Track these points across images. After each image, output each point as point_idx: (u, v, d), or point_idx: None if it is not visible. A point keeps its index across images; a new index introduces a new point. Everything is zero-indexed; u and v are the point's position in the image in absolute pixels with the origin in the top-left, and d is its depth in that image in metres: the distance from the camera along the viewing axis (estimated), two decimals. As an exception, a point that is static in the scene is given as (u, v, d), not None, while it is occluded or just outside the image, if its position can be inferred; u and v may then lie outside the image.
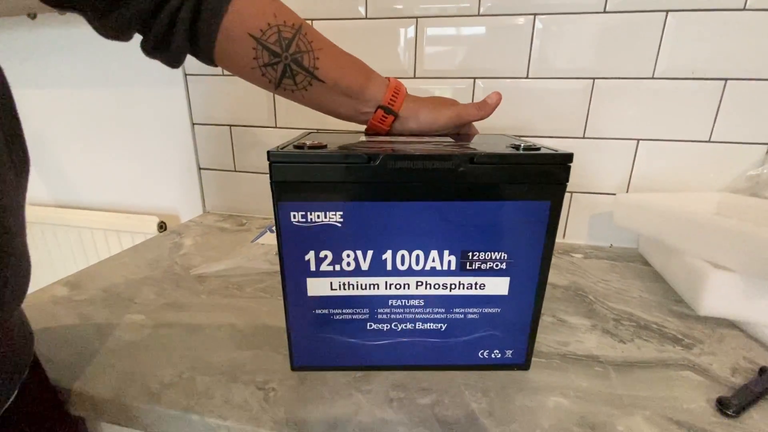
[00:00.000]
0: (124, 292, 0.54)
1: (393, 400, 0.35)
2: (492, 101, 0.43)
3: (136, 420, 0.36)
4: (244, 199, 0.85)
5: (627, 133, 0.65)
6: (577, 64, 0.63)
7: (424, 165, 0.32)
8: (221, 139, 0.81)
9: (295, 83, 0.38)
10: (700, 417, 0.34)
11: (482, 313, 0.37)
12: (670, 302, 0.52)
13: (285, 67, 0.37)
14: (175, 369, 0.39)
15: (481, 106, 0.43)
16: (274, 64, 0.37)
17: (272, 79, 0.38)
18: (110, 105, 0.84)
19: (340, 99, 0.40)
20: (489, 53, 0.65)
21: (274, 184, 0.32)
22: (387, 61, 0.69)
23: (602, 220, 0.70)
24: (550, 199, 0.33)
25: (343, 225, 0.34)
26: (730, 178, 0.64)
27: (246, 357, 0.41)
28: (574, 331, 0.46)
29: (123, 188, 0.90)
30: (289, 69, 0.37)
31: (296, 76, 0.38)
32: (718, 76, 0.60)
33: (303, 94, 0.39)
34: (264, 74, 0.38)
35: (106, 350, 0.42)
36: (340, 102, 0.40)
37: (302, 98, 0.40)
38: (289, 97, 0.40)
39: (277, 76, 0.38)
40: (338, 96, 0.40)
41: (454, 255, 0.35)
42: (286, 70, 0.37)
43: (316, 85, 0.38)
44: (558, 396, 0.36)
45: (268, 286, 0.55)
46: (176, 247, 0.68)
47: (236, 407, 0.34)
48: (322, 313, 0.37)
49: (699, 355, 0.42)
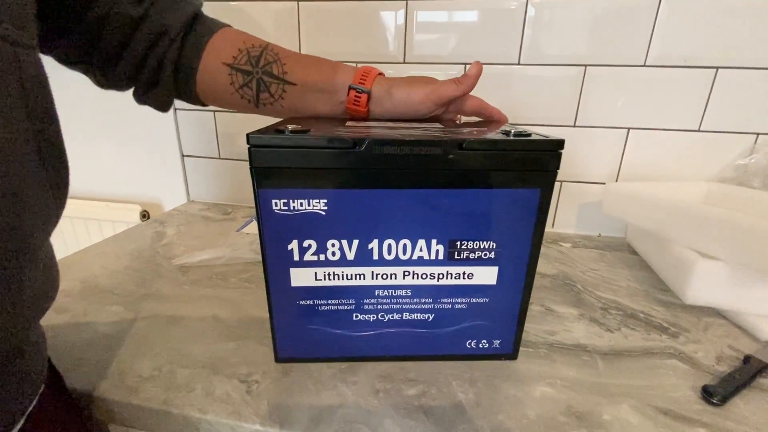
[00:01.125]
0: (103, 282, 0.52)
1: (379, 392, 0.35)
2: (472, 72, 0.40)
3: (113, 415, 0.35)
4: (230, 188, 0.83)
5: (618, 121, 0.64)
6: (570, 50, 0.62)
7: (412, 150, 0.30)
8: (205, 126, 0.78)
9: (271, 95, 0.40)
10: (685, 405, 0.34)
11: (470, 302, 0.36)
12: (657, 291, 0.52)
13: (258, 82, 0.39)
14: (154, 362, 0.38)
15: (460, 80, 0.40)
16: (248, 83, 0.39)
17: (251, 98, 0.40)
18: (89, 89, 0.80)
19: (314, 96, 0.41)
20: (480, 39, 0.63)
21: (254, 170, 0.31)
22: (375, 46, 0.67)
23: (591, 209, 0.70)
24: (541, 186, 0.32)
25: (327, 213, 0.32)
26: (719, 167, 0.64)
27: (229, 349, 0.40)
28: (562, 320, 0.46)
29: (103, 176, 0.87)
30: (262, 82, 0.39)
31: (270, 86, 0.40)
32: (710, 64, 0.59)
33: (281, 103, 0.41)
34: (243, 96, 0.40)
35: (82, 343, 0.40)
36: (316, 99, 0.41)
37: (282, 109, 0.41)
38: (270, 113, 0.42)
39: (253, 93, 0.40)
40: (312, 94, 0.41)
41: (442, 244, 0.34)
42: (260, 84, 0.39)
43: (289, 90, 0.40)
44: (545, 385, 0.36)
45: (253, 276, 0.54)
46: (158, 236, 0.66)
47: (217, 400, 0.33)
48: (307, 303, 0.36)
49: (685, 343, 0.42)
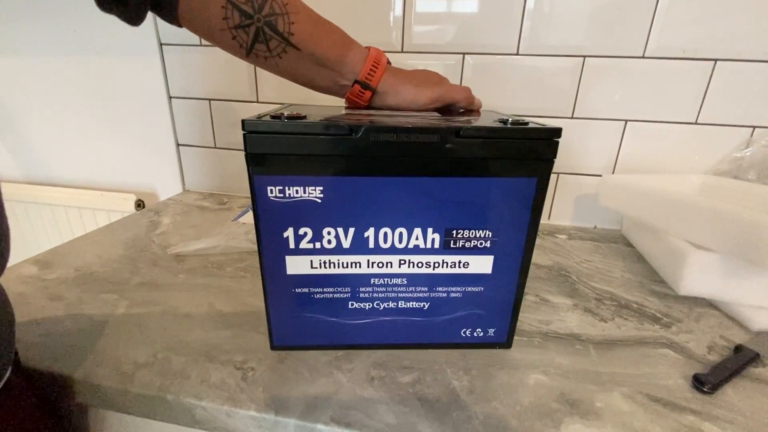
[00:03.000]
0: (98, 271, 0.52)
1: (374, 379, 0.35)
2: (479, 104, 0.45)
3: (108, 401, 0.35)
4: (226, 177, 0.82)
5: (615, 113, 0.64)
6: (569, 41, 0.61)
7: (409, 138, 0.30)
8: (200, 115, 0.77)
9: (268, 49, 0.35)
10: (676, 393, 0.34)
11: (465, 291, 0.36)
12: (650, 282, 0.53)
13: (257, 31, 0.34)
14: (149, 349, 0.38)
15: (468, 95, 0.43)
16: (246, 27, 0.34)
17: (243, 43, 0.35)
18: (81, 75, 0.79)
19: (316, 69, 0.37)
20: (479, 28, 0.63)
21: (249, 157, 0.31)
22: (373, 35, 0.66)
23: (587, 201, 0.70)
24: (537, 175, 0.32)
25: (323, 201, 0.32)
26: (715, 160, 0.64)
27: (224, 337, 0.40)
28: (556, 310, 0.46)
29: (97, 164, 0.86)
30: (262, 33, 0.34)
31: (269, 41, 0.35)
32: (709, 56, 0.59)
33: (277, 62, 0.37)
34: (234, 37, 0.35)
35: (76, 330, 0.40)
36: (317, 72, 0.38)
37: (275, 66, 0.37)
38: (261, 65, 0.38)
39: (248, 40, 0.35)
40: (314, 65, 0.37)
41: (438, 233, 0.34)
42: (259, 34, 0.35)
43: (290, 53, 0.36)
44: (539, 373, 0.36)
45: (249, 266, 0.54)
46: (153, 226, 0.66)
47: (213, 387, 0.34)
48: (302, 291, 0.36)
49: (677, 333, 0.43)
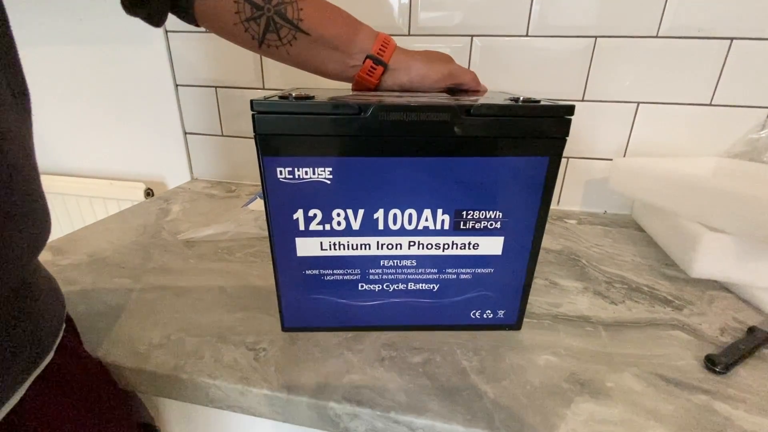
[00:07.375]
0: (111, 257, 0.52)
1: (384, 359, 0.35)
2: (485, 88, 0.46)
3: (124, 380, 0.35)
4: (234, 165, 0.82)
5: (627, 96, 0.63)
6: (580, 21, 0.60)
7: (419, 116, 0.30)
8: (207, 102, 0.77)
9: (279, 38, 0.37)
10: (688, 373, 0.34)
11: (475, 273, 0.36)
12: (662, 266, 0.52)
13: (268, 21, 0.36)
14: (163, 331, 0.38)
15: (475, 77, 0.44)
16: (257, 18, 0.36)
17: (255, 34, 0.37)
18: (87, 64, 0.79)
19: (326, 53, 0.38)
20: (487, 9, 0.62)
21: (258, 137, 0.31)
22: (379, 17, 0.65)
23: (597, 186, 0.70)
24: (549, 154, 0.31)
25: (332, 182, 0.32)
26: (730, 142, 0.63)
27: (236, 319, 0.40)
28: (566, 293, 0.46)
29: (106, 154, 0.87)
30: (273, 22, 0.36)
31: (280, 29, 0.37)
32: (725, 35, 0.57)
33: (288, 50, 0.38)
34: (247, 30, 0.37)
35: (92, 313, 0.41)
36: (327, 56, 0.39)
37: (287, 55, 0.39)
38: (274, 56, 0.39)
39: (260, 31, 0.37)
40: (324, 49, 0.38)
41: (448, 214, 0.34)
42: (270, 24, 0.36)
43: (301, 39, 0.37)
44: (549, 354, 0.36)
45: (259, 251, 0.54)
46: (163, 213, 0.67)
47: (227, 367, 0.34)
48: (312, 273, 0.36)
49: (689, 315, 0.42)
